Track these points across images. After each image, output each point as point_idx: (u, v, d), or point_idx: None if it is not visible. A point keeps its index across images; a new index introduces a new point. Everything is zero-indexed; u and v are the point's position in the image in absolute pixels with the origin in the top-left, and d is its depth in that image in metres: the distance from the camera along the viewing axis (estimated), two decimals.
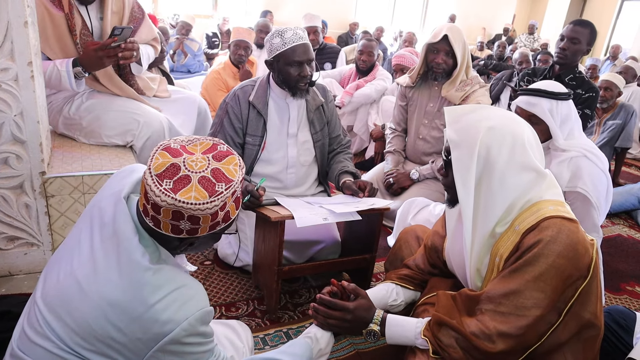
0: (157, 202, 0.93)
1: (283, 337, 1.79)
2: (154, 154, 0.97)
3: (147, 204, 0.96)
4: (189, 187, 0.93)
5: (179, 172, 0.94)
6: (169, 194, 0.92)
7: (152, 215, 0.96)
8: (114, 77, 2.21)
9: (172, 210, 0.93)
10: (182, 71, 5.46)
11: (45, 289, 1.01)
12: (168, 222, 0.96)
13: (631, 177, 4.51)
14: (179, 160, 0.95)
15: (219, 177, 0.96)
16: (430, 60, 2.64)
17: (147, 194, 0.95)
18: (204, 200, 0.93)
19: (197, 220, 0.96)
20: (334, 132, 2.25)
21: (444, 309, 1.29)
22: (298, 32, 1.96)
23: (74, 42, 2.05)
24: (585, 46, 2.61)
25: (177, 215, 0.94)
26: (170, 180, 0.93)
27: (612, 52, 8.32)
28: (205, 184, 0.95)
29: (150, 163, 0.95)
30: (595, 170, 1.98)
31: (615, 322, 1.51)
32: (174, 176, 0.93)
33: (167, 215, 0.95)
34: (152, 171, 0.94)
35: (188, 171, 0.94)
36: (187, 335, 0.96)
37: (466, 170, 1.24)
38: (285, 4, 8.42)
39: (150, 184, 0.93)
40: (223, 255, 2.20)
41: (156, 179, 0.93)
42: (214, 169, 0.97)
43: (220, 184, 0.96)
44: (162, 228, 0.97)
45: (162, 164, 0.94)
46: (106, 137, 2.23)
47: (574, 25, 2.61)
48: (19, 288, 1.87)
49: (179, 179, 0.93)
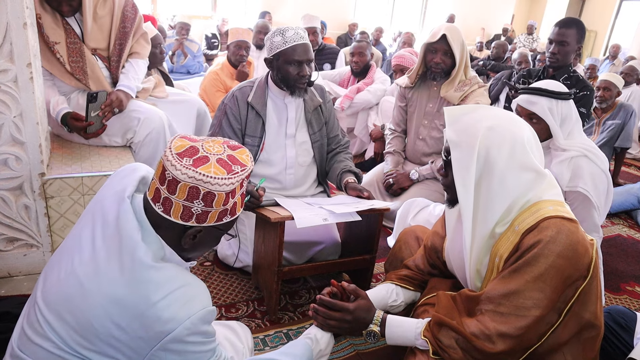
0: (176, 177, 0.96)
1: (283, 338, 1.79)
2: (171, 141, 1.01)
3: (161, 186, 0.98)
4: (208, 164, 0.98)
5: (198, 153, 0.99)
6: (189, 167, 0.96)
7: (165, 197, 0.98)
8: (105, 84, 2.20)
9: (189, 186, 0.96)
10: (182, 72, 5.45)
11: (45, 288, 1.01)
12: (180, 204, 0.98)
13: (631, 177, 4.51)
14: (197, 144, 1.02)
15: (234, 161, 1.03)
16: (428, 60, 2.64)
17: (164, 171, 0.97)
18: (223, 176, 0.98)
19: (212, 201, 0.98)
20: (333, 132, 2.25)
21: (444, 310, 1.30)
22: (299, 31, 1.96)
23: (55, 56, 2.05)
24: (575, 45, 2.60)
25: (193, 193, 0.97)
26: (190, 158, 0.98)
27: (612, 52, 8.32)
28: (223, 163, 1.00)
29: (170, 145, 1.00)
30: (595, 170, 1.98)
31: (616, 322, 1.51)
32: (193, 155, 0.99)
33: (182, 194, 0.97)
34: (172, 150, 0.98)
35: (206, 152, 1.00)
36: (189, 334, 0.96)
37: (466, 170, 1.24)
38: (284, 5, 8.42)
39: (171, 159, 0.97)
40: (223, 256, 2.20)
41: (177, 156, 0.97)
42: (229, 154, 1.03)
43: (236, 166, 1.02)
44: (171, 214, 0.99)
45: (182, 145, 1.00)
46: (107, 137, 2.23)
47: (559, 28, 2.60)
48: (18, 289, 1.87)
49: (198, 158, 0.98)
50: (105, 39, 2.18)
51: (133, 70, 2.27)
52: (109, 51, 2.21)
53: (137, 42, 2.31)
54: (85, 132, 2.09)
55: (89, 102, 2.02)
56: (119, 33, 2.20)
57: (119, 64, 2.23)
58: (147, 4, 7.43)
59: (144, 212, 1.02)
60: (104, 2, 2.14)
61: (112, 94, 2.12)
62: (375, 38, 7.89)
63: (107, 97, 2.10)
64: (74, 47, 2.07)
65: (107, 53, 2.21)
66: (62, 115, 2.08)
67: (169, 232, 1.02)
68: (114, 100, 2.10)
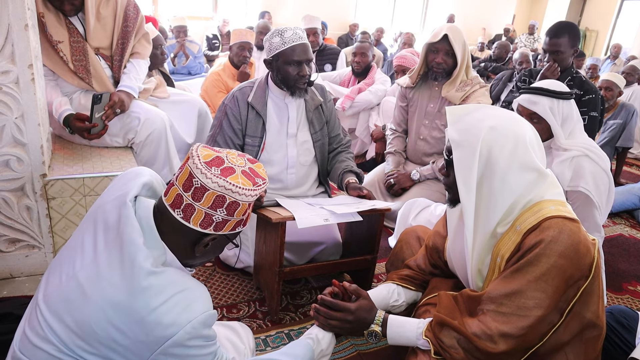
0: (205, 185, 0.98)
1: (284, 339, 1.79)
2: (195, 149, 1.04)
3: (185, 192, 1.00)
4: (235, 175, 1.02)
5: (224, 163, 1.03)
6: (220, 177, 0.99)
7: (187, 204, 1.00)
8: (108, 84, 2.20)
9: (217, 194, 0.99)
10: (183, 73, 5.46)
11: (47, 291, 1.01)
12: (203, 211, 1.00)
13: (632, 177, 4.51)
14: (221, 154, 1.05)
15: (255, 174, 1.07)
16: (430, 60, 2.64)
17: (192, 178, 0.99)
18: (249, 187, 1.02)
19: (234, 210, 1.02)
20: (334, 131, 2.25)
21: (445, 310, 1.29)
22: (297, 32, 1.96)
23: (58, 55, 2.05)
24: (570, 51, 2.58)
25: (219, 201, 1.00)
26: (218, 167, 1.01)
27: (613, 52, 8.31)
28: (247, 175, 1.04)
29: (197, 153, 1.02)
30: (597, 169, 1.98)
31: (618, 322, 1.51)
32: (220, 165, 1.02)
33: (208, 202, 0.99)
34: (201, 159, 1.01)
35: (231, 164, 1.04)
36: (190, 338, 0.96)
37: (468, 170, 1.24)
38: (284, 6, 8.42)
39: (201, 167, 0.99)
40: (224, 257, 2.20)
41: (206, 165, 1.00)
42: (250, 167, 1.08)
43: (258, 179, 1.06)
44: (191, 220, 1.00)
45: (208, 154, 1.03)
46: (108, 138, 2.23)
47: (550, 39, 2.58)
48: (20, 290, 1.87)
49: (225, 168, 1.02)
50: (108, 38, 2.18)
51: (135, 71, 2.27)
52: (112, 50, 2.22)
53: (139, 42, 2.31)
54: (89, 134, 2.10)
55: (94, 104, 2.02)
56: (122, 32, 2.21)
57: (121, 63, 2.23)
58: (148, 5, 7.44)
59: (152, 217, 1.02)
60: (107, 1, 2.14)
61: (114, 95, 2.12)
62: (376, 38, 7.89)
63: (110, 98, 2.10)
64: (77, 46, 2.07)
65: (109, 52, 2.22)
66: (65, 117, 2.08)
67: (180, 239, 1.03)
68: (116, 102, 2.11)
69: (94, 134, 2.11)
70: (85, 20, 2.08)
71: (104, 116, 2.10)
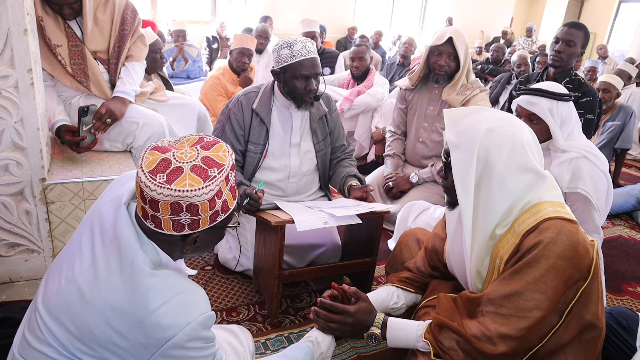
0: (154, 198, 0.94)
1: (284, 342, 1.78)
2: (143, 155, 0.98)
3: (145, 205, 0.97)
4: (182, 177, 0.95)
5: (170, 165, 0.96)
6: (164, 186, 0.93)
7: (152, 215, 0.97)
8: (105, 88, 2.20)
9: (170, 202, 0.94)
10: (182, 77, 5.47)
11: (46, 295, 1.01)
12: (168, 219, 0.97)
13: (631, 178, 4.52)
14: (168, 155, 0.97)
15: (210, 164, 0.98)
16: (432, 63, 2.63)
17: (143, 193, 0.95)
18: (199, 186, 0.95)
19: (197, 210, 0.97)
20: (338, 141, 2.24)
21: (444, 312, 1.29)
22: (307, 45, 1.94)
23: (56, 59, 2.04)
24: (579, 49, 2.60)
25: (176, 208, 0.95)
26: (163, 173, 0.95)
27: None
28: (197, 171, 0.96)
29: (142, 162, 0.97)
30: (595, 171, 1.98)
31: (617, 323, 1.51)
32: (166, 169, 0.95)
33: (166, 211, 0.95)
34: (144, 169, 0.95)
35: (179, 163, 0.96)
36: (189, 339, 0.96)
37: (466, 172, 1.24)
38: (284, 10, 8.43)
39: (145, 181, 0.94)
40: (224, 260, 2.19)
41: (149, 175, 0.94)
42: (203, 157, 0.99)
43: (212, 169, 0.98)
44: (163, 227, 0.98)
45: (152, 160, 0.96)
46: (107, 142, 2.23)
47: (568, 28, 2.60)
48: (19, 295, 1.87)
49: (171, 171, 0.95)
50: (105, 42, 2.19)
51: (129, 75, 2.26)
52: (109, 53, 2.22)
53: (134, 45, 2.31)
54: (78, 147, 2.08)
55: (80, 117, 2.00)
56: (119, 36, 2.21)
57: (117, 66, 2.23)
58: (147, 9, 7.45)
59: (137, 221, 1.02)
60: (105, 6, 2.15)
61: (102, 107, 2.09)
62: (374, 41, 7.89)
63: (98, 110, 2.08)
64: (76, 49, 2.08)
65: (106, 56, 2.22)
66: (57, 128, 2.07)
67: (165, 242, 1.02)
68: (103, 114, 2.08)
69: (83, 147, 2.09)
70: (83, 23, 2.09)
71: (93, 129, 2.08)
